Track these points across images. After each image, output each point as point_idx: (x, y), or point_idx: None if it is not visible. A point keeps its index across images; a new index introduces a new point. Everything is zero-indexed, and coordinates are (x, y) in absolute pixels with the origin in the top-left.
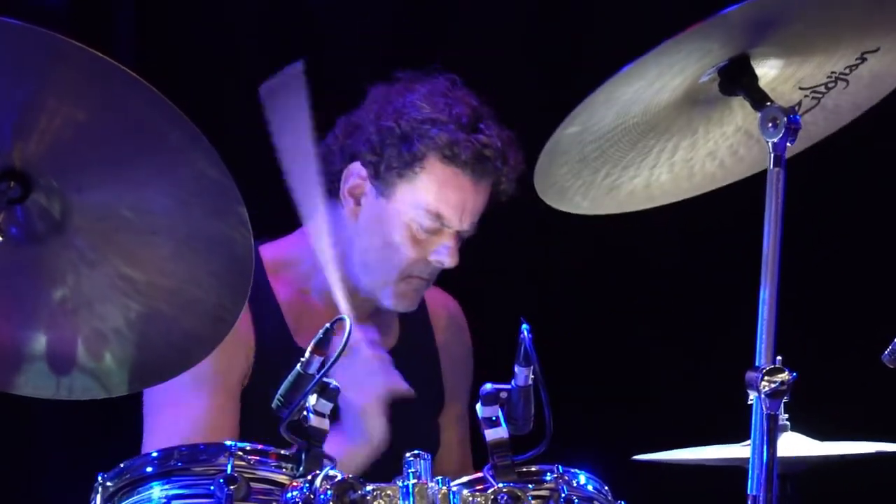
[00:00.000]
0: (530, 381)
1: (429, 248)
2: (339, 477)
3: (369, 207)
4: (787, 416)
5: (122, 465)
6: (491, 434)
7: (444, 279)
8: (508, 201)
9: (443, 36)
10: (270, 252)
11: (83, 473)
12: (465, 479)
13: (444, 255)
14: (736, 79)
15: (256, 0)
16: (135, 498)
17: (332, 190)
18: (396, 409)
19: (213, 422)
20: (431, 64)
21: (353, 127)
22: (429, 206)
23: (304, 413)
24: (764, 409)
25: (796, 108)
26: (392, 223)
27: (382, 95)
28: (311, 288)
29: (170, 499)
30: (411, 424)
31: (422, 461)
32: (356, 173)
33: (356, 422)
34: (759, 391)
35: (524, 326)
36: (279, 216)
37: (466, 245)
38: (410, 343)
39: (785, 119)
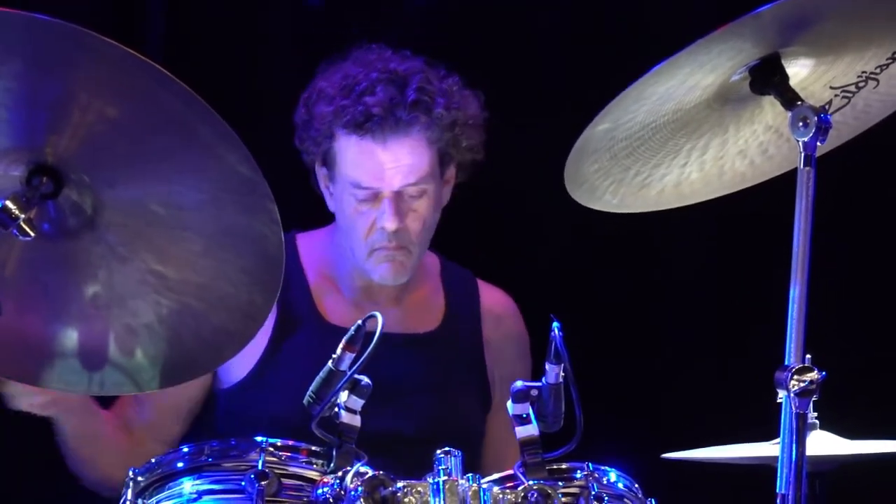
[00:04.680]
0: (561, 379)
1: (374, 217)
2: (370, 473)
3: (333, 196)
4: (815, 414)
5: (153, 461)
6: (521, 431)
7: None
8: (478, 157)
9: (477, 41)
10: (305, 241)
11: None
12: (495, 476)
13: (384, 221)
14: (767, 78)
15: None
16: (166, 493)
17: (318, 188)
18: (431, 397)
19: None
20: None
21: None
22: (348, 177)
23: (336, 410)
24: (793, 407)
25: (827, 107)
26: (343, 204)
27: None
28: (337, 276)
29: (201, 494)
30: (447, 413)
31: (452, 458)
32: (321, 167)
33: None
34: (788, 390)
35: (555, 324)
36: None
37: (497, 240)
38: (453, 329)
39: (815, 118)
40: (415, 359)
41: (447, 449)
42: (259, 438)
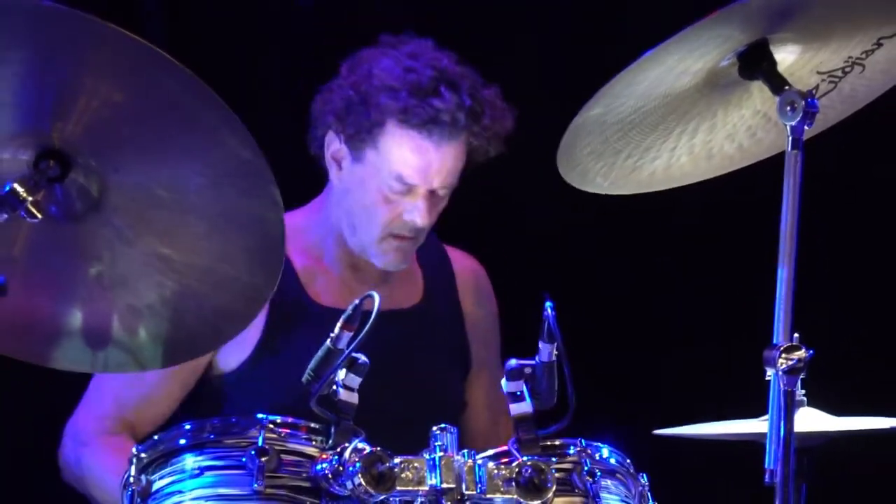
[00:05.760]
0: (554, 357)
1: (402, 208)
2: (368, 450)
3: (348, 171)
4: (803, 391)
5: (155, 437)
6: (516, 409)
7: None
8: (490, 159)
9: (475, 39)
10: (287, 222)
11: None
12: (490, 452)
13: (416, 216)
14: (755, 64)
15: None
16: (168, 469)
17: (320, 156)
18: (420, 371)
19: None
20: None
21: (327, 95)
22: (392, 169)
23: (334, 387)
24: (781, 385)
25: (814, 91)
26: (366, 186)
27: (349, 66)
28: (323, 255)
29: (202, 469)
30: (435, 386)
31: (448, 434)
32: (335, 139)
33: None
34: (776, 368)
35: (547, 303)
36: (299, 188)
37: (489, 218)
38: (434, 302)
39: (803, 103)
40: (404, 333)
41: (443, 425)
42: (260, 416)
